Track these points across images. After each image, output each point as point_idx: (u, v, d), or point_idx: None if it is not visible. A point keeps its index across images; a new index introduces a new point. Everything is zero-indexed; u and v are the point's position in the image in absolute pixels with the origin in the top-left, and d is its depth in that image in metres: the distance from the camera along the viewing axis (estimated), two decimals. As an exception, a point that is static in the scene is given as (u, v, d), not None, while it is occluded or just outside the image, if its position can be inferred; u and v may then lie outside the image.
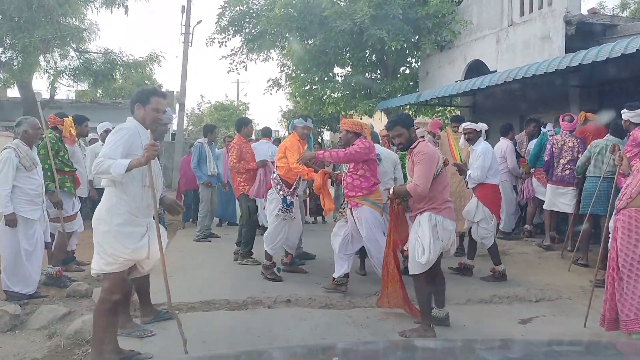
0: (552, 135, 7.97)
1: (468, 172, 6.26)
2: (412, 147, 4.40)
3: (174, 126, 26.60)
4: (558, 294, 5.72)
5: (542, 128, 8.79)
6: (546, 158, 7.67)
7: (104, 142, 4.71)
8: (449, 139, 7.29)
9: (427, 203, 4.35)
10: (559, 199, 7.55)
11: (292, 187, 6.15)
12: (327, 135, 33.18)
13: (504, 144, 8.45)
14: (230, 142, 10.42)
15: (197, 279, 6.20)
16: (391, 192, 4.55)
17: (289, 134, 6.48)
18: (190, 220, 10.38)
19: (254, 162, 6.99)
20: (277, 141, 9.45)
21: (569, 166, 7.45)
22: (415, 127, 4.88)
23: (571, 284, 6.09)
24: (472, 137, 6.33)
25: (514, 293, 5.70)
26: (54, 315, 4.77)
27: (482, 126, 6.46)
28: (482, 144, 6.29)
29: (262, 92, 65.50)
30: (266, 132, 8.85)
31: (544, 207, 7.81)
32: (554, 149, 7.57)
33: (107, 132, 7.43)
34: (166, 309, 4.79)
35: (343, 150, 5.40)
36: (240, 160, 6.97)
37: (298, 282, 6.13)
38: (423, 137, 5.32)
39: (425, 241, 4.30)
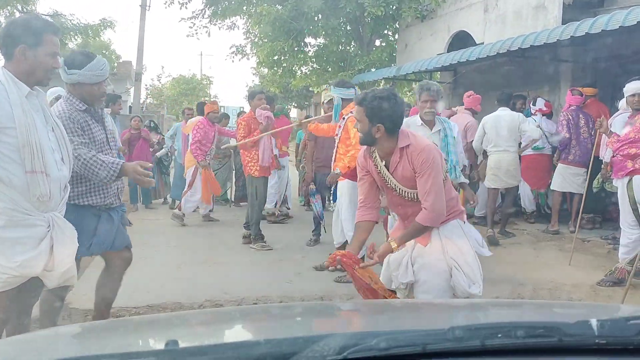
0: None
1: None
2: (404, 146, 2.93)
3: (130, 98, 25.03)
4: (568, 295, 4.98)
5: (531, 105, 8.10)
6: (566, 135, 6.87)
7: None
8: None
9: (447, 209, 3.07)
10: (573, 179, 6.94)
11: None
12: (293, 113, 32.01)
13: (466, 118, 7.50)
14: (191, 114, 9.41)
15: (145, 276, 5.16)
16: (391, 246, 2.93)
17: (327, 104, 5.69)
18: (140, 202, 9.30)
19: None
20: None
21: (584, 145, 6.89)
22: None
23: (579, 282, 5.34)
24: None
25: (519, 294, 4.91)
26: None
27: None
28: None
29: (224, 58, 61.78)
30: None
31: (555, 188, 7.12)
32: (570, 125, 6.86)
33: (57, 98, 6.38)
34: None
35: None
36: (248, 137, 6.41)
37: (265, 279, 5.22)
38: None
39: (471, 260, 3.09)
